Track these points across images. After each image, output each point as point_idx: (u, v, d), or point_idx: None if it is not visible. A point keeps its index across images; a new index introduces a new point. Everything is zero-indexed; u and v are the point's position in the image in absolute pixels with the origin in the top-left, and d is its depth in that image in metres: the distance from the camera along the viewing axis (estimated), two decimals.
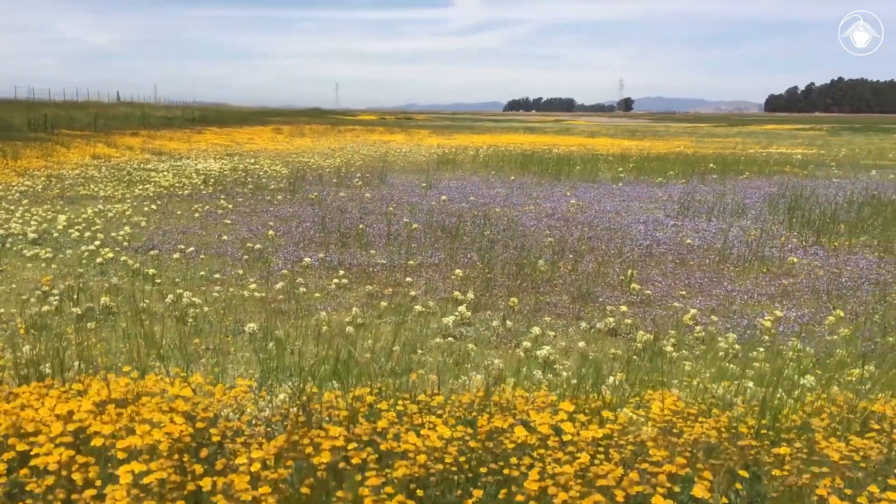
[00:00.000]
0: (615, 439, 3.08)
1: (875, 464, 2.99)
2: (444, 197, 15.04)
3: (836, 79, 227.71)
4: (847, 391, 4.28)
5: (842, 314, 7.22)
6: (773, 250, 10.42)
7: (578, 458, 2.82)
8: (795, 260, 9.75)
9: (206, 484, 2.50)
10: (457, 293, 7.77)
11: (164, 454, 2.72)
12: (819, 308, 7.69)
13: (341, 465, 2.70)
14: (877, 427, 3.54)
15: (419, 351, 5.96)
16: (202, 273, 8.55)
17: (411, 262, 9.22)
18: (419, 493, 2.62)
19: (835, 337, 6.60)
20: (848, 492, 2.67)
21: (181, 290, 7.46)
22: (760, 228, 12.09)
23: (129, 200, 13.99)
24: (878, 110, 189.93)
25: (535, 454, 2.91)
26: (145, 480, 2.45)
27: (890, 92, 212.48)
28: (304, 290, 7.89)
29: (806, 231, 11.97)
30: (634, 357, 5.92)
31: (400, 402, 3.57)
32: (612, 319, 7.03)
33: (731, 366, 5.61)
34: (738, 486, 2.71)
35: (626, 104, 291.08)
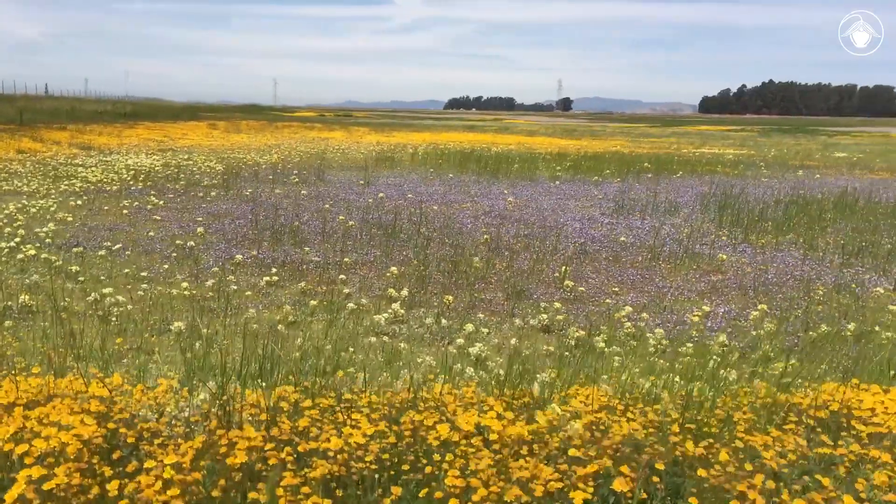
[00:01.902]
0: (542, 436, 3.06)
1: (797, 456, 3.04)
2: (381, 194, 14.94)
3: (766, 81, 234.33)
4: (770, 385, 4.37)
5: (766, 309, 7.41)
6: (704, 248, 10.63)
7: (502, 454, 2.79)
8: (725, 257, 9.96)
9: (112, 488, 2.39)
10: (391, 291, 7.71)
11: (72, 457, 2.60)
12: (746, 304, 7.87)
13: (258, 466, 2.61)
14: (795, 419, 3.62)
15: (350, 349, 5.88)
16: (128, 271, 8.29)
17: (346, 260, 9.12)
18: (338, 492, 2.56)
19: (760, 332, 6.75)
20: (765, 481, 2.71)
21: (105, 289, 7.22)
22: (692, 226, 12.33)
23: (54, 196, 13.52)
24: (805, 112, 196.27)
25: (458, 451, 2.87)
26: (45, 487, 2.32)
27: (817, 95, 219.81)
28: (235, 287, 7.73)
29: (735, 229, 12.25)
30: (566, 353, 5.95)
31: (325, 400, 3.50)
32: (545, 316, 7.06)
33: (660, 360, 5.69)
34: (656, 479, 2.72)
35: (565, 104, 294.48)
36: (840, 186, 17.87)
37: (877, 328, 6.92)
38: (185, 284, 7.68)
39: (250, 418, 3.40)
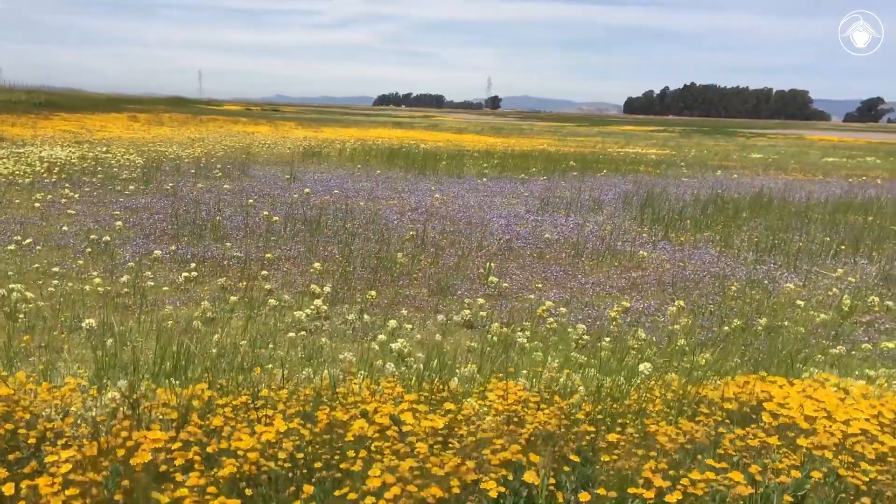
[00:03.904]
0: (456, 430, 3.07)
1: (699, 445, 3.13)
2: (307, 190, 14.76)
3: (688, 84, 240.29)
4: (682, 377, 4.48)
5: (683, 304, 7.61)
6: (626, 245, 10.84)
7: (417, 448, 2.78)
8: (645, 254, 10.18)
9: (7, 489, 2.28)
10: (314, 286, 7.62)
11: None
12: (664, 299, 8.06)
13: (163, 467, 2.54)
14: (706, 411, 3.72)
15: (270, 346, 5.79)
16: (38, 266, 7.98)
17: (269, 255, 8.97)
18: (248, 492, 2.51)
19: (676, 326, 6.93)
20: (672, 473, 2.77)
21: (14, 284, 6.93)
22: (614, 224, 12.57)
23: None
24: (724, 114, 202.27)
25: (373, 447, 2.85)
26: None
27: (736, 98, 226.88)
28: (152, 283, 7.52)
29: (656, 227, 12.54)
30: (488, 348, 5.98)
31: (240, 398, 3.43)
32: (468, 312, 7.09)
33: (579, 355, 5.77)
34: (567, 468, 2.76)
35: (494, 102, 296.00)
36: (756, 186, 18.50)
37: (786, 322, 7.19)
38: (98, 280, 7.43)
39: (161, 417, 3.31)
